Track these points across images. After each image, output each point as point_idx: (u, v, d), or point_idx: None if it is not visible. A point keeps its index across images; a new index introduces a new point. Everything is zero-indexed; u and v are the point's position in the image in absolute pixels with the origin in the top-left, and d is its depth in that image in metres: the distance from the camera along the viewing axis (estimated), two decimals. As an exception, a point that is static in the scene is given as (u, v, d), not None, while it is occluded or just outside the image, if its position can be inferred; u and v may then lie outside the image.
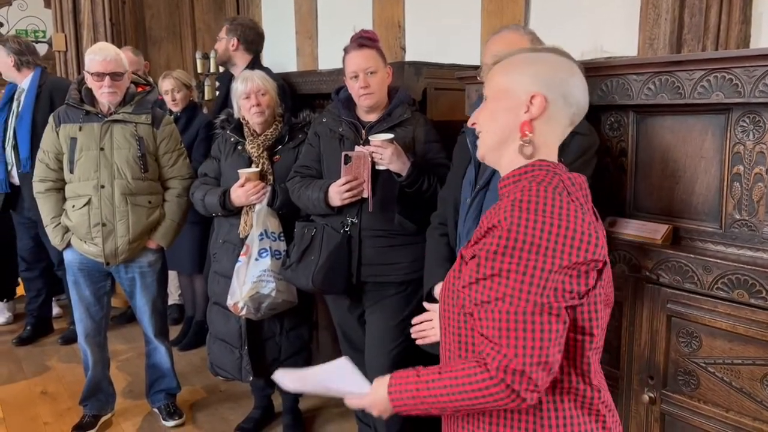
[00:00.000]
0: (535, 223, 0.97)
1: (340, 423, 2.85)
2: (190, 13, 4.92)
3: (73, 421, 2.76)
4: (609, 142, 1.80)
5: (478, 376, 0.96)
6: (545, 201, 0.99)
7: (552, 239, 0.96)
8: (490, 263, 0.97)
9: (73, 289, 2.63)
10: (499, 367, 0.95)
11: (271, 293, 2.33)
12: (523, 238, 0.96)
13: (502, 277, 0.96)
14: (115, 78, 2.44)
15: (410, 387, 1.03)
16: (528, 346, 0.94)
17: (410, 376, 1.05)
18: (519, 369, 0.94)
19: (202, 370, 3.31)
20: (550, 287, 0.96)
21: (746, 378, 1.46)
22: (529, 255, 0.96)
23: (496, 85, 1.11)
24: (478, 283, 0.99)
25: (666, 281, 1.58)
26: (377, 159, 2.07)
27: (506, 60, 1.12)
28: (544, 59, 1.10)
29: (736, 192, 1.53)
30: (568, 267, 0.98)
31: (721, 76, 1.48)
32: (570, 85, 1.08)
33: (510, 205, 0.99)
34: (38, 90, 3.45)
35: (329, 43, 4.03)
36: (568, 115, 1.10)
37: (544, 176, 1.06)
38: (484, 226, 1.02)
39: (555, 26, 2.58)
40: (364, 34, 2.18)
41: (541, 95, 1.06)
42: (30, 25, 5.88)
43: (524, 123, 1.06)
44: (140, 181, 2.52)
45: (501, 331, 0.95)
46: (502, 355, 0.95)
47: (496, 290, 0.96)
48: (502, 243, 0.97)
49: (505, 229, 0.97)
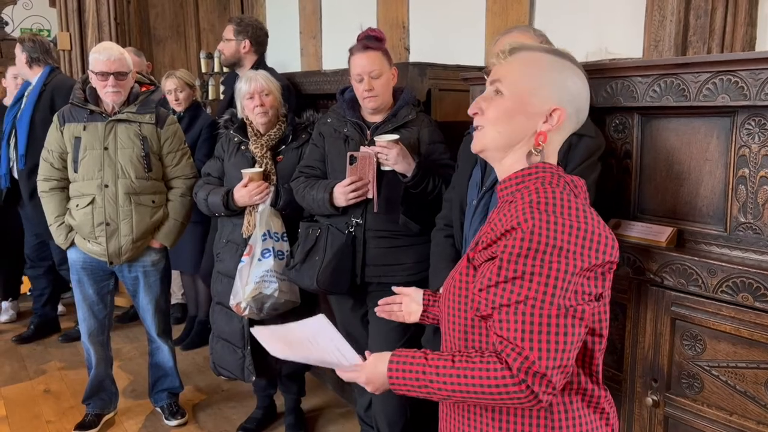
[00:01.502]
0: (556, 225, 0.96)
1: (342, 423, 2.85)
2: (194, 12, 4.93)
3: (75, 420, 2.77)
4: (613, 144, 1.80)
5: (497, 373, 0.95)
6: (562, 203, 0.99)
7: (573, 241, 0.96)
8: (512, 266, 0.96)
9: (77, 288, 2.64)
10: (521, 368, 0.94)
11: (274, 293, 2.33)
12: (546, 240, 0.95)
13: (525, 280, 0.95)
14: (119, 77, 2.45)
15: (416, 368, 1.01)
16: (552, 349, 0.94)
17: (416, 357, 1.03)
18: (541, 372, 0.94)
19: (204, 370, 3.31)
20: (571, 290, 0.96)
21: (750, 381, 1.45)
22: (552, 257, 0.95)
23: (519, 84, 1.07)
24: (498, 285, 0.97)
25: (670, 284, 1.58)
26: (382, 159, 2.07)
27: (528, 58, 1.09)
28: (566, 68, 1.08)
29: (741, 195, 1.53)
30: (587, 269, 0.98)
31: (727, 78, 1.47)
32: (583, 99, 1.09)
33: (528, 206, 0.98)
34: (42, 88, 3.47)
35: (333, 43, 4.03)
36: (572, 129, 1.11)
37: (550, 178, 1.05)
38: (498, 228, 1.01)
39: (559, 27, 2.58)
40: (370, 33, 2.17)
41: (562, 110, 1.05)
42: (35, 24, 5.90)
43: (541, 133, 1.06)
44: (144, 181, 2.53)
45: (524, 333, 0.94)
46: (524, 357, 0.94)
47: (518, 293, 0.95)
48: (525, 245, 0.95)
49: (527, 231, 0.96)
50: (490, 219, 1.09)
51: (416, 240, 2.17)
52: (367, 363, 1.11)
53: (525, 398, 0.95)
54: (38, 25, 5.90)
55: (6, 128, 3.58)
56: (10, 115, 3.57)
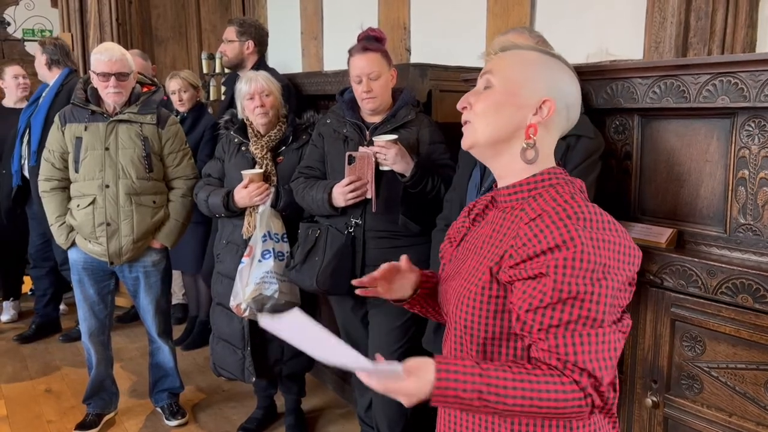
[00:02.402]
0: (599, 242, 0.95)
1: (342, 424, 2.85)
2: (196, 13, 4.94)
3: (76, 420, 2.78)
4: (614, 145, 1.80)
5: (567, 386, 0.93)
6: (595, 216, 0.97)
7: (614, 257, 0.96)
8: (566, 287, 0.94)
9: (78, 288, 2.64)
10: (587, 386, 0.94)
11: (274, 295, 2.33)
12: (594, 258, 0.94)
13: (577, 300, 0.94)
14: (120, 78, 2.45)
15: (470, 378, 0.92)
16: (609, 366, 0.95)
17: (468, 367, 0.93)
18: (602, 390, 0.95)
19: (205, 370, 3.32)
20: (615, 304, 0.97)
21: (750, 383, 1.45)
22: (600, 275, 0.94)
23: (509, 77, 1.06)
24: (550, 307, 0.95)
25: (670, 285, 1.58)
26: (381, 159, 2.08)
27: (519, 54, 1.08)
28: (556, 65, 1.07)
29: (741, 196, 1.53)
30: (623, 282, 0.98)
31: (727, 80, 1.47)
32: (574, 97, 1.07)
33: (567, 221, 0.96)
34: (59, 88, 3.51)
35: (334, 44, 4.04)
36: (563, 128, 1.09)
37: (564, 185, 1.03)
38: (532, 243, 0.96)
39: (560, 28, 2.58)
40: (371, 34, 2.18)
41: (552, 101, 1.03)
42: (37, 24, 5.91)
43: (531, 125, 1.04)
44: (145, 181, 2.53)
45: (585, 354, 0.94)
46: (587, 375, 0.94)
47: (570, 312, 0.94)
48: (576, 265, 0.93)
49: (577, 251, 0.93)
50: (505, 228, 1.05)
51: (416, 240, 2.17)
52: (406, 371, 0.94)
53: (588, 413, 0.97)
54: (40, 25, 5.92)
55: (20, 127, 3.62)
56: (26, 114, 3.61)
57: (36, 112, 3.52)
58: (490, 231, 1.10)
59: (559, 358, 0.95)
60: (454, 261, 1.19)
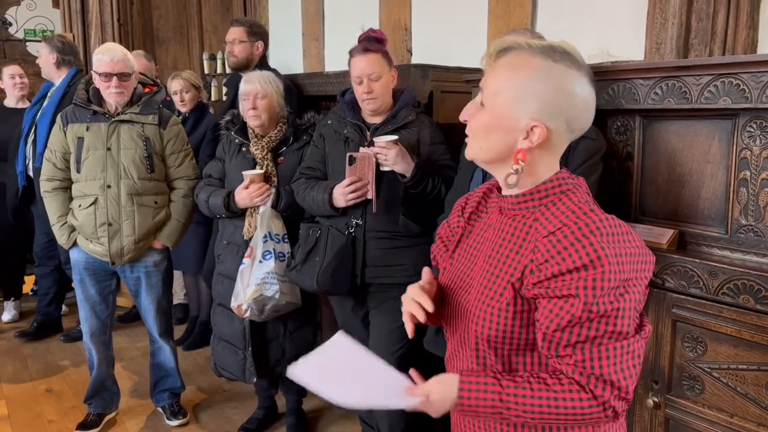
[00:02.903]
0: (622, 257, 0.95)
1: (343, 424, 2.85)
2: (197, 14, 4.94)
3: (77, 420, 2.77)
4: (615, 146, 1.80)
5: (584, 402, 0.96)
6: (613, 228, 0.97)
7: (635, 268, 0.97)
8: (596, 308, 0.94)
9: (79, 288, 2.64)
10: (610, 398, 0.96)
11: (275, 295, 2.33)
12: (618, 276, 0.94)
13: (605, 316, 0.94)
14: (122, 78, 2.45)
15: (491, 396, 0.99)
16: (633, 374, 0.97)
17: (489, 384, 0.99)
18: (627, 398, 0.97)
19: (206, 370, 3.32)
20: (636, 312, 0.98)
21: (751, 383, 1.46)
22: (624, 290, 0.95)
23: (498, 97, 1.00)
24: (577, 325, 0.95)
25: (671, 286, 1.58)
26: (381, 160, 2.08)
27: (514, 62, 1.00)
28: (556, 75, 0.98)
29: (743, 197, 1.53)
30: (643, 289, 0.99)
31: (729, 81, 1.48)
32: (578, 108, 1.00)
33: (590, 237, 0.94)
34: (66, 89, 3.50)
35: (335, 45, 4.04)
36: (569, 139, 1.04)
37: (575, 191, 1.02)
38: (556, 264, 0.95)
39: (561, 30, 2.58)
40: (371, 34, 2.18)
41: (542, 126, 0.98)
42: (38, 24, 5.92)
43: (520, 151, 0.99)
44: (146, 182, 2.53)
45: (610, 366, 0.95)
46: (612, 387, 0.96)
47: (596, 329, 0.95)
48: (605, 285, 0.93)
49: (606, 271, 0.93)
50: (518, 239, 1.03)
51: (416, 241, 2.17)
52: (431, 389, 1.04)
53: (609, 420, 0.99)
54: (42, 25, 5.92)
55: (25, 127, 3.61)
56: (30, 114, 3.61)
57: (42, 112, 3.51)
58: (499, 239, 1.07)
59: (583, 372, 0.96)
60: (456, 266, 1.16)
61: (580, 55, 1.02)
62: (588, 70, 1.01)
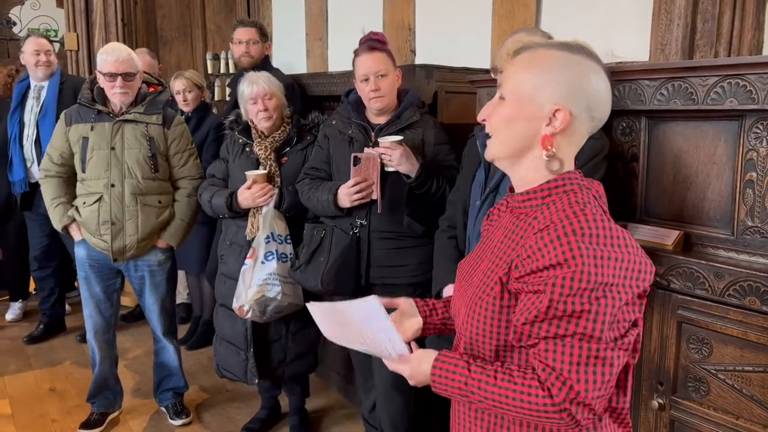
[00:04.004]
0: (602, 260, 0.93)
1: (346, 425, 2.85)
2: (201, 14, 4.95)
3: (80, 419, 2.78)
4: (620, 147, 1.80)
5: (539, 399, 0.95)
6: (603, 231, 0.96)
7: (618, 274, 0.94)
8: (561, 306, 0.94)
9: (84, 285, 2.65)
10: (565, 399, 0.94)
11: (277, 296, 2.33)
12: (595, 278, 0.93)
13: (573, 317, 0.94)
14: (127, 78, 2.46)
15: (458, 378, 1.02)
16: (598, 381, 0.94)
17: (459, 366, 1.03)
18: (587, 403, 0.94)
19: (209, 370, 3.32)
20: (616, 320, 0.96)
21: (757, 385, 1.45)
22: (600, 294, 0.93)
23: (518, 87, 1.02)
24: (545, 321, 0.95)
25: (677, 287, 1.57)
26: (386, 160, 2.08)
27: (532, 56, 1.03)
28: (574, 63, 1.00)
29: (749, 199, 1.52)
30: (632, 297, 0.97)
31: (735, 82, 1.47)
32: (597, 96, 1.01)
33: (572, 237, 0.94)
34: (60, 87, 3.49)
35: (339, 45, 4.04)
36: (589, 129, 1.04)
37: (579, 191, 1.02)
38: (536, 256, 0.96)
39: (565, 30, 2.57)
40: (373, 36, 2.19)
41: (566, 109, 0.99)
42: (42, 24, 5.93)
43: (546, 137, 1.00)
44: (150, 181, 2.54)
45: (572, 366, 0.94)
46: (568, 387, 0.94)
47: (565, 328, 0.94)
48: (575, 285, 0.93)
49: (577, 270, 0.93)
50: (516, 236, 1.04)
51: (421, 241, 2.17)
52: (412, 358, 1.11)
53: (565, 424, 0.96)
54: (46, 25, 5.93)
55: (13, 131, 3.54)
56: (15, 117, 3.54)
57: (42, 114, 3.47)
58: (503, 236, 1.09)
59: (545, 369, 0.96)
60: (468, 261, 1.19)
61: (595, 52, 1.04)
62: (604, 65, 1.04)
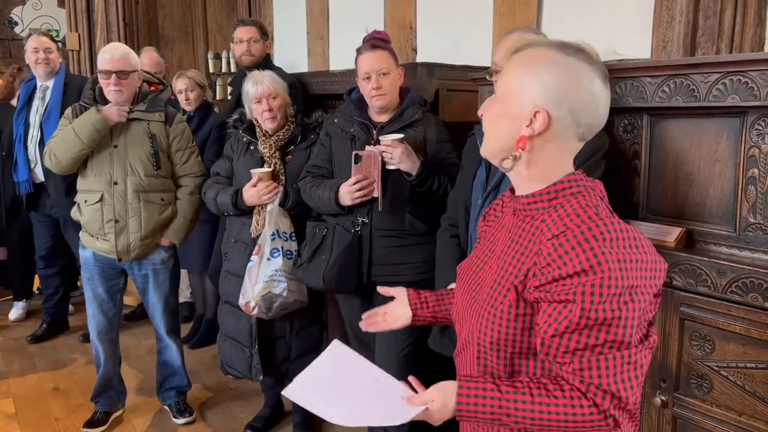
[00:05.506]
0: (626, 263, 0.93)
1: (349, 423, 2.85)
2: (202, 13, 4.95)
3: (84, 418, 2.79)
4: (622, 145, 1.80)
5: (585, 410, 0.95)
6: (620, 234, 0.95)
7: (640, 275, 0.94)
8: (593, 314, 0.93)
9: (87, 286, 2.65)
10: (610, 406, 0.95)
11: (283, 293, 2.34)
12: (621, 282, 0.92)
13: (604, 325, 0.93)
14: (121, 76, 2.45)
15: (489, 401, 0.98)
16: (634, 385, 0.95)
17: (488, 390, 0.98)
18: (629, 408, 0.96)
19: (212, 368, 3.33)
20: (643, 320, 0.96)
21: (760, 382, 1.45)
22: (627, 298, 0.93)
23: (507, 84, 1.02)
24: (576, 332, 0.94)
25: (679, 284, 1.58)
26: (387, 158, 2.08)
27: (525, 55, 1.02)
28: (564, 66, 0.98)
29: (751, 195, 1.53)
30: (651, 297, 0.98)
31: (737, 79, 1.47)
32: (585, 101, 0.98)
33: (593, 242, 0.93)
34: (64, 88, 3.49)
35: (340, 44, 4.04)
36: (577, 134, 1.01)
37: (585, 194, 1.01)
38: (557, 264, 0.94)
39: (567, 28, 2.58)
40: (376, 35, 2.19)
41: (544, 112, 0.97)
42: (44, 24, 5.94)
43: (521, 138, 0.98)
44: (153, 179, 2.54)
45: (609, 376, 0.94)
46: (611, 395, 0.94)
47: (596, 337, 0.94)
48: (604, 291, 0.92)
49: (605, 276, 0.92)
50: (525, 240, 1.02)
51: (422, 239, 2.18)
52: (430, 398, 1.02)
53: (609, 429, 0.97)
54: (47, 25, 5.94)
55: (18, 132, 3.56)
56: (21, 118, 3.55)
57: (47, 115, 3.47)
58: (509, 240, 1.07)
59: (583, 380, 0.95)
60: (470, 263, 1.17)
61: (596, 54, 1.04)
62: (603, 70, 1.01)
